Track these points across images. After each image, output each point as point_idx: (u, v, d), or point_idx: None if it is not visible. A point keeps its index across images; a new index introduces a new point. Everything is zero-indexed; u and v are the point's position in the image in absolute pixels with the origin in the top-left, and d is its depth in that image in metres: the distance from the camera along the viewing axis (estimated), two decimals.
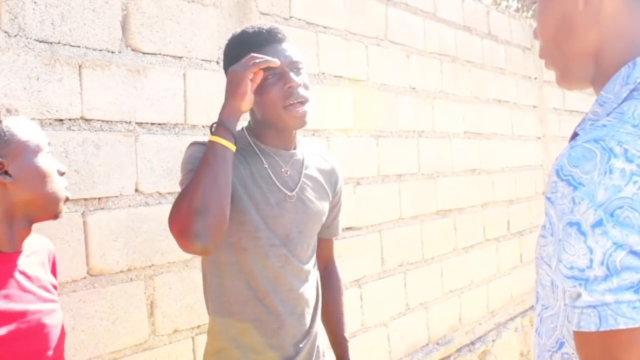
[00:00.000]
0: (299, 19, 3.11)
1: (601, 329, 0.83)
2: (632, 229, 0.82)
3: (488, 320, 4.68)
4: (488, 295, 4.71)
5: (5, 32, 1.93)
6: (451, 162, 4.33)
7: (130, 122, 2.28)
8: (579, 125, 1.04)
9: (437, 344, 4.05)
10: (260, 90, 1.78)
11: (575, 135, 1.02)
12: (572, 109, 6.63)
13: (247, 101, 1.72)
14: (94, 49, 2.18)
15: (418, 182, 3.96)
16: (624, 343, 0.83)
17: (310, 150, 2.02)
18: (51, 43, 2.05)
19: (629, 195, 0.83)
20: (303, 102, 1.82)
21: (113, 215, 2.20)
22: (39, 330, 1.47)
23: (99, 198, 2.17)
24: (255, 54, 1.73)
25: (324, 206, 1.98)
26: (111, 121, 2.22)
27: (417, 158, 3.96)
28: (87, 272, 2.12)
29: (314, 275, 1.98)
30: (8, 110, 1.48)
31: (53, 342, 1.51)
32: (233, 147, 1.69)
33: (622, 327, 0.82)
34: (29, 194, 1.46)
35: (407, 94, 3.91)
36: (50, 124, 2.03)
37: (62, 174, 1.55)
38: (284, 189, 1.86)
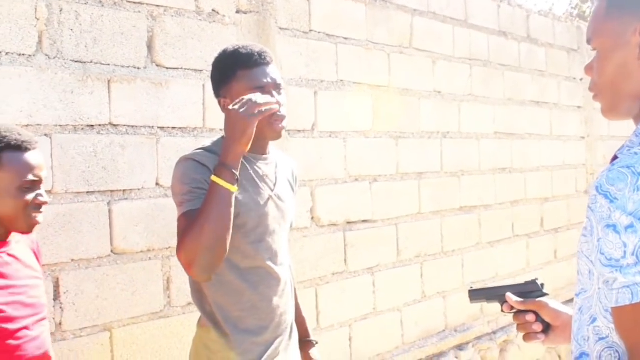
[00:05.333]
0: (319, 32, 3.47)
1: (634, 302, 1.13)
2: None
3: None
4: None
5: (46, 55, 2.40)
6: (478, 161, 4.59)
7: (152, 126, 2.71)
8: (619, 150, 1.33)
9: (455, 330, 4.35)
10: None
11: (615, 157, 1.31)
12: None
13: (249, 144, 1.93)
14: (122, 66, 2.62)
15: (440, 180, 4.26)
16: None
17: (276, 153, 2.31)
18: (84, 62, 2.50)
19: None
20: (282, 119, 2.12)
21: (135, 205, 2.65)
22: (26, 300, 1.88)
23: (123, 190, 2.61)
24: (257, 101, 1.92)
25: (293, 201, 2.33)
26: (136, 126, 2.66)
27: (440, 157, 4.26)
28: (111, 251, 2.57)
29: (288, 259, 2.32)
30: (9, 145, 1.83)
31: (38, 309, 1.92)
32: (235, 189, 1.90)
33: None
34: (2, 215, 1.85)
35: (431, 97, 4.21)
36: (82, 129, 2.49)
37: (41, 203, 1.88)
38: (266, 190, 2.15)
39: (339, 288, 3.55)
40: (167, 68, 2.78)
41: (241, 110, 1.90)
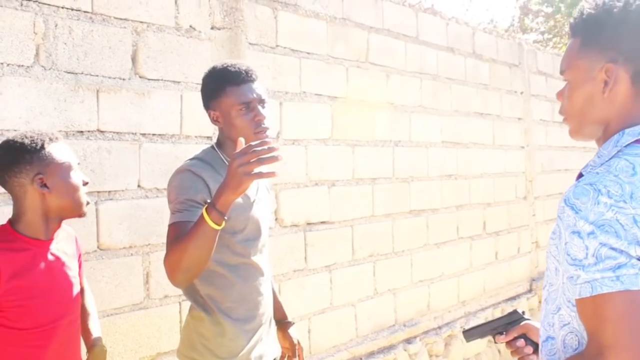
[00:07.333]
0: (284, 47, 3.75)
1: (593, 294, 1.39)
2: (610, 235, 1.39)
3: (458, 309, 5.29)
4: (459, 286, 5.31)
5: (42, 66, 2.62)
6: (426, 168, 4.94)
7: (136, 133, 2.95)
8: (584, 167, 1.59)
9: (404, 325, 4.68)
10: (234, 118, 2.30)
11: (580, 175, 1.57)
12: (561, 121, 7.15)
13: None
14: (109, 77, 2.85)
15: (392, 185, 4.58)
16: (606, 300, 1.38)
17: None
18: (76, 74, 2.73)
19: (609, 217, 1.40)
20: (265, 130, 2.36)
21: (119, 205, 2.88)
22: (63, 297, 2.07)
23: (109, 191, 2.84)
24: (260, 155, 1.94)
25: (269, 203, 2.60)
26: (121, 132, 2.89)
27: (392, 164, 4.58)
28: (97, 247, 2.80)
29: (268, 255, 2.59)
30: (50, 139, 2.03)
31: (74, 305, 2.11)
32: (219, 227, 2.01)
33: (605, 292, 1.38)
34: (61, 201, 2.02)
35: (385, 108, 4.53)
36: (73, 134, 2.71)
37: (85, 183, 2.11)
38: (249, 195, 2.40)
39: (299, 284, 3.83)
40: (149, 79, 3.02)
41: (241, 166, 1.93)
